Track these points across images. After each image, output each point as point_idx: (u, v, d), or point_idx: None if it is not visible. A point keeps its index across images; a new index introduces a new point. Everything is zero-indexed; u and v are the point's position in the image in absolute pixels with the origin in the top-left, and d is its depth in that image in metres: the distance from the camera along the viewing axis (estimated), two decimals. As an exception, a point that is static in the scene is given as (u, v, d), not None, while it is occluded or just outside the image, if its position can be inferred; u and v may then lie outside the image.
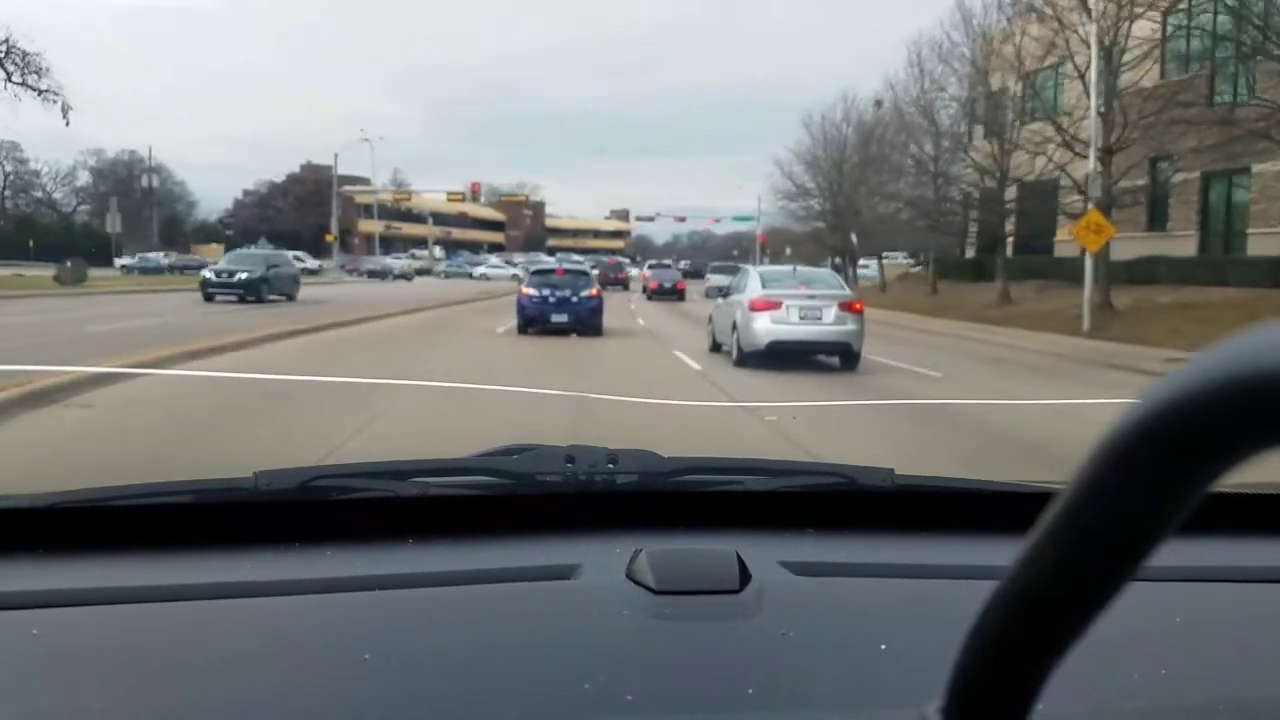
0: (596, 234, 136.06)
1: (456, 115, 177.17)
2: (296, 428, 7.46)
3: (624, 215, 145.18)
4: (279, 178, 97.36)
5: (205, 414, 8.22)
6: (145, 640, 0.92)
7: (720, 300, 16.09)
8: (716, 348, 15.50)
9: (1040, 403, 10.27)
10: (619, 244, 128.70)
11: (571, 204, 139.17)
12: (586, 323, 18.58)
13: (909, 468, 1.34)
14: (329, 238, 56.98)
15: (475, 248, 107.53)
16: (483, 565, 1.06)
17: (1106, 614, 0.41)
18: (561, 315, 18.36)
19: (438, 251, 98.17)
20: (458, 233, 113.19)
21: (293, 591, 1.00)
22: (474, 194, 55.30)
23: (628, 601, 0.96)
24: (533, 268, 22.57)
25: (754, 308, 13.41)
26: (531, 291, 18.78)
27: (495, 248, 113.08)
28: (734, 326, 13.91)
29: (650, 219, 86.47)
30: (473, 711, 0.81)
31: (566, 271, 19.99)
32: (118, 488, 1.17)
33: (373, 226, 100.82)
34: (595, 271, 23.93)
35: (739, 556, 1.01)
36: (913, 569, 1.10)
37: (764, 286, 13.93)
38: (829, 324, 13.35)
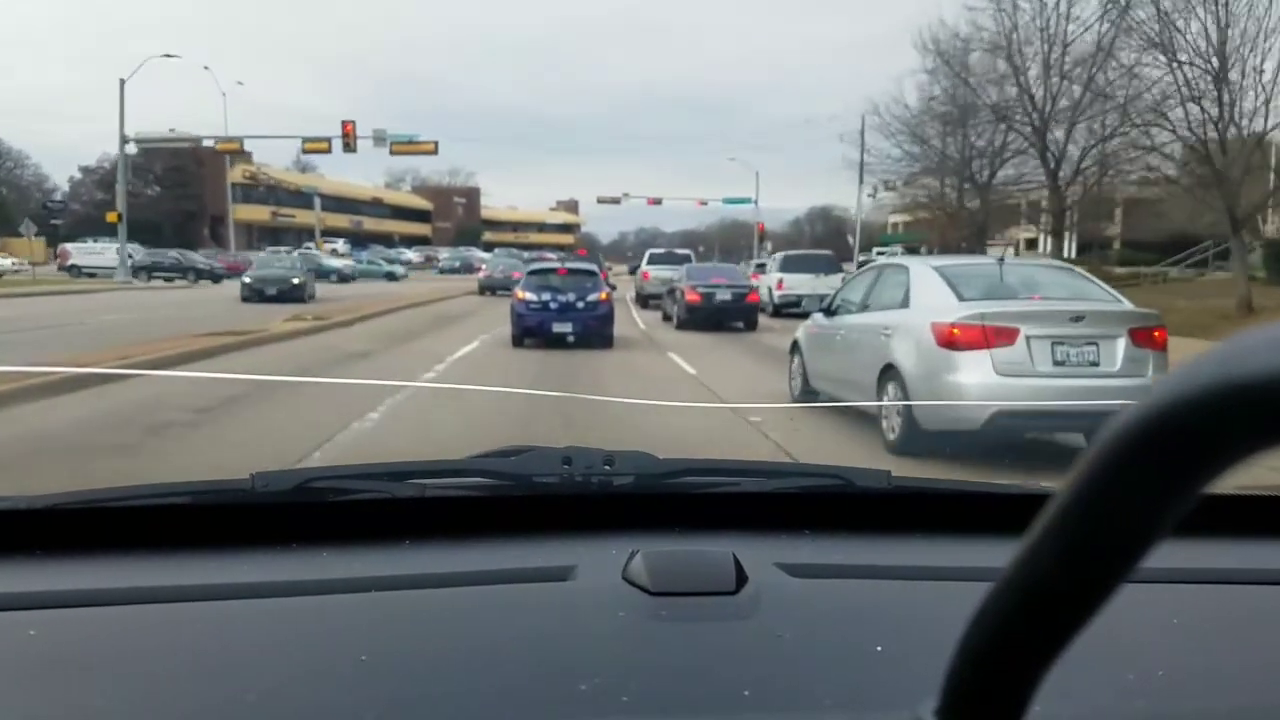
0: (541, 227, 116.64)
1: (389, 111, 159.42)
2: None
3: (572, 207, 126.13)
4: (131, 150, 75.65)
5: None
6: (142, 641, 0.92)
7: (821, 319, 9.05)
8: (810, 394, 8.93)
9: None
10: (567, 238, 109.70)
11: (512, 201, 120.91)
12: (594, 333, 15.33)
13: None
14: (111, 216, 36.66)
15: (395, 241, 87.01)
16: (479, 566, 1.06)
17: (1103, 615, 0.41)
18: (565, 324, 15.13)
19: (340, 245, 77.30)
20: (372, 223, 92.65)
21: (290, 593, 1.00)
22: (346, 137, 35.72)
23: (624, 603, 0.96)
24: (530, 267, 18.12)
25: (950, 340, 6.57)
26: (529, 296, 15.47)
27: (419, 241, 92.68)
28: (886, 374, 7.17)
29: (615, 201, 67.32)
30: (469, 712, 0.81)
31: (570, 271, 16.48)
32: (116, 489, 1.17)
33: (254, 213, 79.41)
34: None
35: (735, 558, 1.01)
36: (909, 570, 1.10)
37: (961, 297, 6.94)
38: (1115, 373, 6.46)
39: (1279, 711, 0.85)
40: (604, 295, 15.84)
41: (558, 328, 15.15)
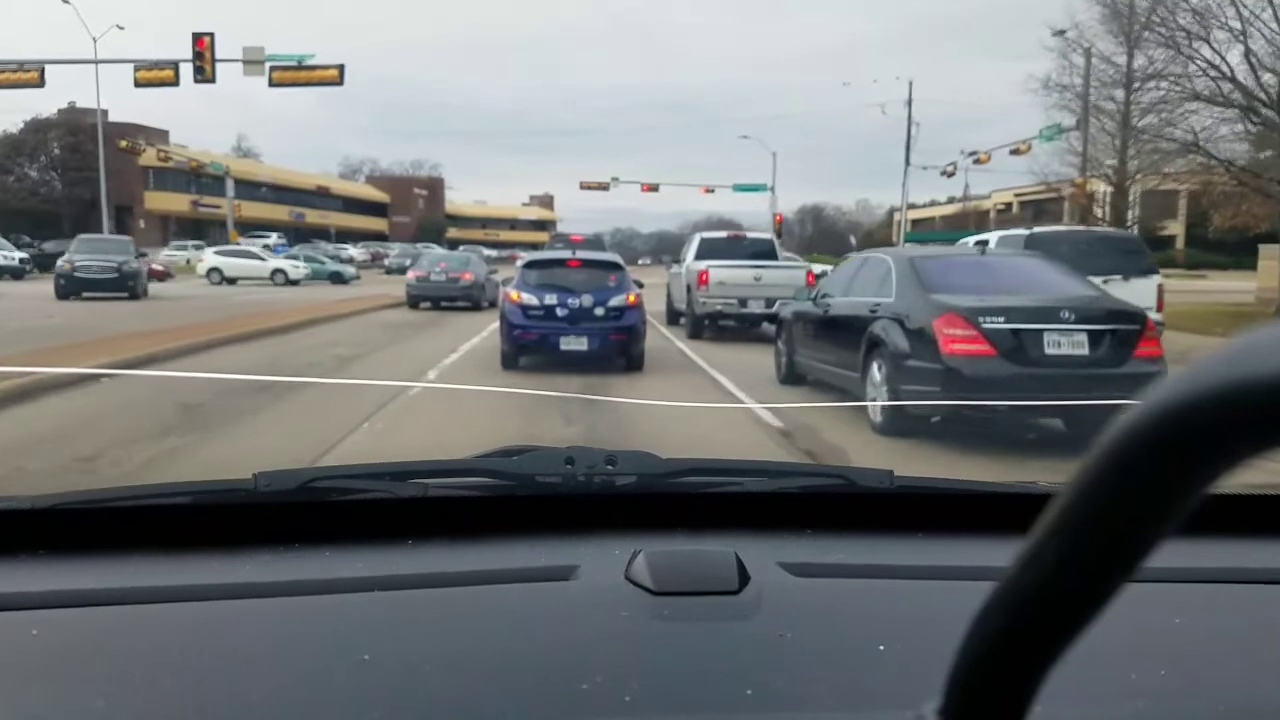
0: (514, 224, 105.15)
1: (358, 108, 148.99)
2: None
3: (547, 202, 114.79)
4: (14, 126, 63.00)
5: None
6: (144, 641, 0.92)
7: None
8: None
9: None
10: (541, 236, 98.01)
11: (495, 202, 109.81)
12: (620, 351, 11.12)
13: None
14: None
15: (332, 235, 75.24)
16: (482, 566, 1.06)
17: (1105, 615, 0.41)
18: (578, 340, 10.91)
19: (272, 238, 65.46)
20: (316, 215, 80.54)
21: (292, 592, 1.00)
22: (199, 59, 24.42)
23: (626, 602, 0.96)
24: (527, 258, 13.07)
25: None
26: (527, 298, 11.09)
27: (375, 237, 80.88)
28: None
29: (602, 187, 56.15)
30: (471, 712, 0.81)
31: (584, 264, 11.67)
32: (118, 488, 1.17)
33: (170, 202, 67.40)
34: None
35: (738, 557, 1.01)
36: (911, 570, 1.10)
37: None
38: None
39: None
40: (631, 298, 11.27)
41: (568, 344, 10.89)
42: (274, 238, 65.39)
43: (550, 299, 11.07)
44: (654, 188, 56.58)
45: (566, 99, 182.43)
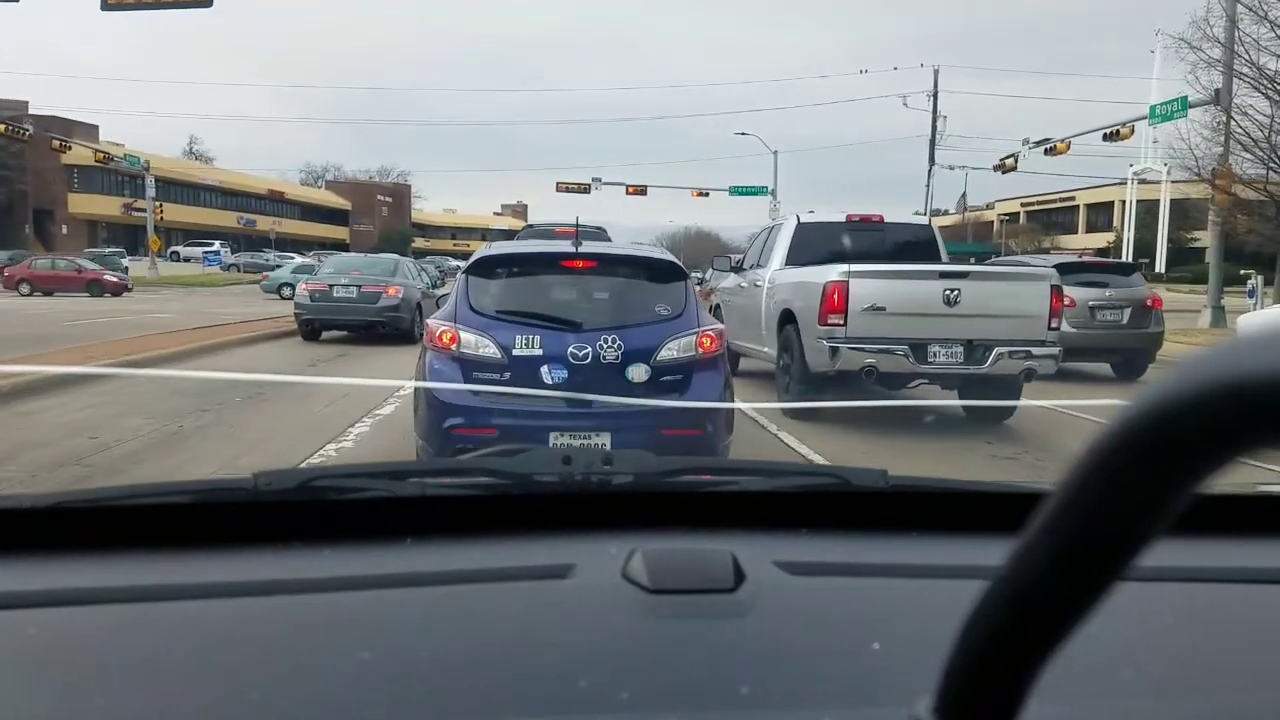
0: (485, 234, 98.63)
1: (326, 111, 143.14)
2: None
3: (521, 211, 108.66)
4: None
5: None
6: (143, 640, 0.92)
7: None
8: None
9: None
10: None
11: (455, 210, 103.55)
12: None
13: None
14: None
15: (301, 245, 68.99)
16: (479, 565, 1.06)
17: (1098, 614, 0.41)
18: (589, 442, 4.67)
19: (215, 245, 59.26)
20: (269, 222, 74.19)
21: (291, 591, 1.00)
22: None
23: (623, 601, 0.96)
24: (477, 254, 5.70)
25: None
26: (473, 343, 5.00)
27: (334, 245, 74.49)
28: None
29: (582, 189, 50.21)
30: (468, 710, 0.81)
31: (601, 264, 5.33)
32: (117, 488, 1.18)
33: (100, 205, 60.74)
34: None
35: (733, 556, 1.01)
36: (906, 569, 1.10)
37: None
38: None
39: (1275, 711, 0.85)
40: (708, 341, 5.19)
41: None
42: (216, 245, 59.00)
43: (527, 343, 5.13)
44: (640, 190, 50.63)
45: (549, 112, 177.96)
